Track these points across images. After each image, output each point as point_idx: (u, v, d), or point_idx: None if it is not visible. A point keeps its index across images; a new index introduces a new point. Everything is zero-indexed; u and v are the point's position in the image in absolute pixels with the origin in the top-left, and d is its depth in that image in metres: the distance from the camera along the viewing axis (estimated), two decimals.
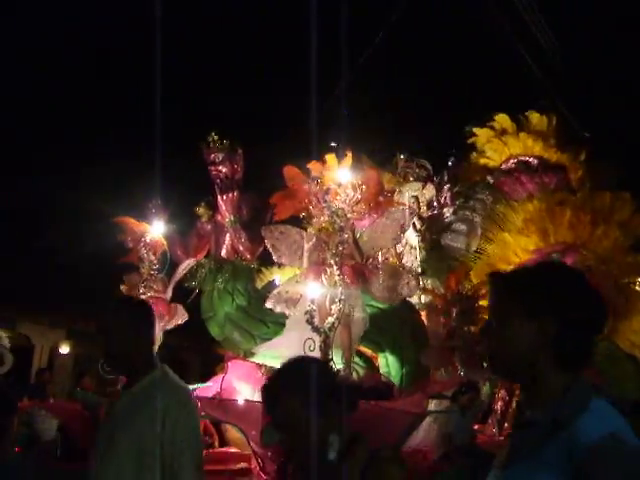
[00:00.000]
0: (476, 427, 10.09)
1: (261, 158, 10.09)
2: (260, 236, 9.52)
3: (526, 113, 12.97)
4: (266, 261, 10.90)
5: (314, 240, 8.11)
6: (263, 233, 8.64)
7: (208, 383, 8.70)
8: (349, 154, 7.98)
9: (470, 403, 8.40)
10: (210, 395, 8.34)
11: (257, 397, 7.81)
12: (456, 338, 9.88)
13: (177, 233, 10.51)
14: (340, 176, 7.96)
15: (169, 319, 9.76)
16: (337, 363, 7.50)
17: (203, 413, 7.71)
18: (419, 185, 12.89)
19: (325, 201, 7.83)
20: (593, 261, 11.00)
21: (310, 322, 7.21)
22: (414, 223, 12.85)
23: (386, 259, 13.90)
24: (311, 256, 8.04)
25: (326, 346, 7.22)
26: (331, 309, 7.52)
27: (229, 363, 8.60)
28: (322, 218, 8.04)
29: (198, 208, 10.73)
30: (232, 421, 7.76)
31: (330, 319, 7.42)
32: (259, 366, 8.69)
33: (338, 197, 7.98)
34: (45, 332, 21.15)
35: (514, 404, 11.21)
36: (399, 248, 13.16)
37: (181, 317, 9.93)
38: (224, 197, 9.98)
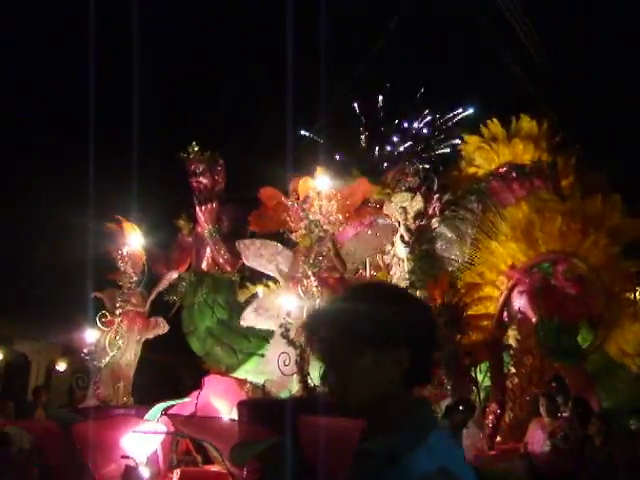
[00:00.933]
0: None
1: (243, 167, 9.86)
2: None
3: (516, 118, 12.70)
4: (252, 276, 10.66)
5: (292, 253, 7.87)
6: (238, 247, 8.42)
7: (185, 399, 8.41)
8: (320, 167, 7.77)
9: (464, 423, 8.08)
10: (187, 412, 8.08)
11: (234, 414, 7.55)
12: (443, 350, 9.61)
13: (158, 246, 10.28)
14: (319, 185, 7.72)
15: (147, 332, 9.50)
16: (315, 379, 7.22)
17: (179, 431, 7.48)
18: (408, 196, 12.64)
19: (303, 210, 7.59)
20: (584, 270, 10.76)
21: (285, 335, 6.95)
22: (402, 235, 12.65)
23: (373, 272, 13.75)
24: (290, 269, 7.79)
25: (302, 361, 6.94)
26: None
27: (206, 379, 8.33)
28: (300, 231, 7.80)
29: (179, 220, 10.51)
30: (208, 439, 7.49)
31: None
32: (241, 382, 8.43)
33: (313, 208, 7.74)
34: (42, 349, 20.94)
35: (507, 417, 11.02)
36: (387, 260, 12.94)
37: (162, 328, 9.66)
38: (203, 208, 9.77)
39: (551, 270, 11.46)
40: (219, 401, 8.24)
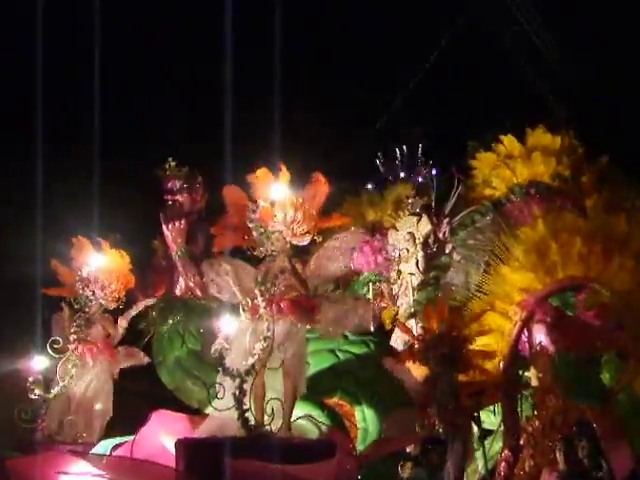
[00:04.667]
0: None
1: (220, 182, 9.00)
2: None
3: (534, 132, 11.59)
4: None
5: (251, 271, 6.90)
6: (203, 268, 7.48)
7: (136, 437, 7.44)
8: (284, 168, 6.80)
9: (440, 460, 6.96)
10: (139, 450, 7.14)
11: None
12: (436, 388, 8.45)
13: (132, 269, 9.48)
14: (274, 193, 6.80)
15: (114, 363, 8.66)
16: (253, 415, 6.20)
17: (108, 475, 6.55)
18: (414, 220, 11.64)
19: (252, 220, 6.65)
20: (608, 297, 9.47)
21: (219, 362, 5.99)
22: (417, 262, 11.62)
23: (381, 303, 12.67)
24: (243, 289, 6.82)
25: (241, 393, 5.93)
26: (254, 348, 6.27)
27: (153, 414, 7.40)
28: (262, 247, 6.83)
29: (154, 242, 9.75)
30: None
31: (250, 360, 6.16)
32: (195, 419, 7.45)
33: (275, 218, 6.80)
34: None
35: (527, 465, 9.74)
36: (394, 289, 11.87)
37: (137, 359, 8.81)
38: (170, 226, 8.95)
39: (573, 300, 10.26)
40: (170, 440, 7.26)
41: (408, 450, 8.68)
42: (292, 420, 7.70)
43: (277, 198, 6.78)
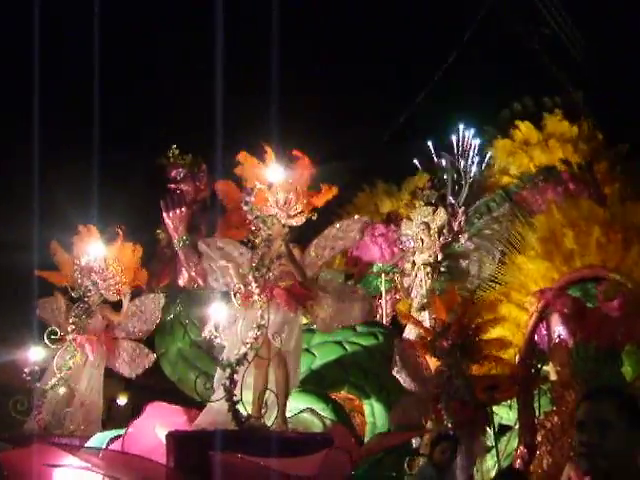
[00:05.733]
0: None
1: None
2: None
3: (551, 118, 11.17)
4: None
5: (249, 256, 6.63)
6: (200, 248, 7.20)
7: (129, 429, 7.21)
8: (269, 149, 6.49)
9: (443, 457, 6.62)
10: (134, 444, 6.91)
11: None
12: (449, 381, 8.11)
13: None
14: (271, 175, 6.52)
15: (111, 358, 8.40)
16: (247, 404, 5.92)
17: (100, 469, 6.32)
18: (429, 210, 11.30)
19: (247, 204, 6.37)
20: (627, 287, 9.05)
21: (208, 352, 5.73)
22: (431, 253, 11.29)
23: (396, 294, 12.35)
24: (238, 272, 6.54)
25: (232, 384, 5.66)
26: (247, 336, 6.00)
27: (148, 406, 7.16)
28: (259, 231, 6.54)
29: (159, 232, 9.51)
30: None
31: (243, 349, 5.89)
32: (191, 412, 7.19)
33: (269, 202, 6.52)
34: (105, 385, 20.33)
35: (544, 463, 9.35)
36: (406, 282, 11.54)
37: (146, 359, 8.52)
38: (171, 214, 8.70)
39: (595, 291, 9.84)
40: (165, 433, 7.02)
41: (415, 446, 8.39)
42: (295, 413, 7.47)
43: (274, 180, 6.50)
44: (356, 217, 7.17)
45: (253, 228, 6.42)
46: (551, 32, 13.05)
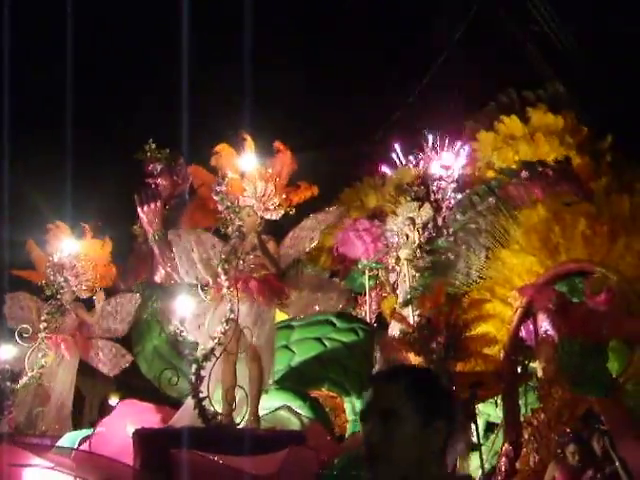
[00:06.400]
0: None
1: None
2: None
3: (536, 112, 11.02)
4: None
5: (223, 248, 6.44)
6: (170, 238, 7.00)
7: (99, 428, 7.01)
8: (248, 138, 6.32)
9: None
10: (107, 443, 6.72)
11: None
12: None
13: (116, 256, 9.09)
14: (243, 164, 6.33)
15: (86, 357, 8.25)
16: (218, 401, 5.74)
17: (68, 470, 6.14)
18: (415, 205, 11.17)
19: (217, 193, 6.18)
20: (614, 281, 8.89)
21: (174, 347, 5.56)
22: (415, 248, 11.16)
23: (381, 290, 12.20)
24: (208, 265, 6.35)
25: (198, 380, 5.47)
26: (214, 331, 5.82)
27: (120, 404, 6.99)
28: (234, 224, 6.36)
29: (135, 227, 9.33)
30: None
31: (210, 343, 5.70)
32: (164, 409, 7.02)
33: (246, 193, 6.34)
34: (96, 385, 20.35)
35: (531, 461, 9.20)
36: (392, 277, 11.41)
37: (122, 360, 8.34)
38: (145, 208, 8.52)
39: (582, 286, 9.70)
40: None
41: None
42: (271, 411, 7.30)
43: (246, 169, 6.33)
44: (332, 208, 7.00)
45: (224, 218, 6.25)
46: (540, 29, 12.94)
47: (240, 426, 5.75)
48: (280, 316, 7.76)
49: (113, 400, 21.01)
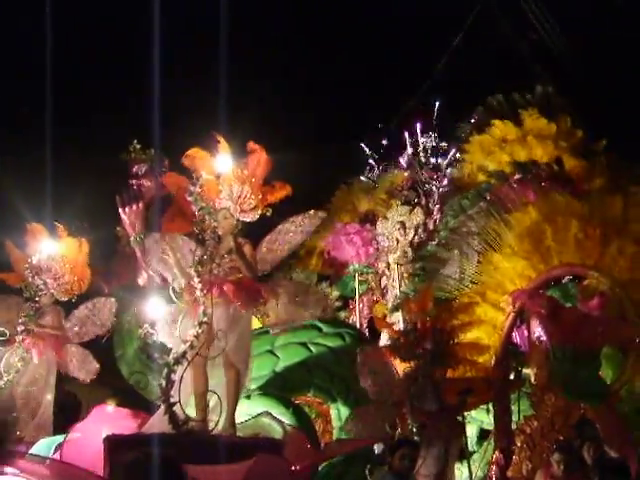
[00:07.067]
0: None
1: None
2: None
3: (529, 115, 10.87)
4: None
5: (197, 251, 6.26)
6: (146, 243, 6.85)
7: (75, 434, 6.82)
8: (222, 139, 6.16)
9: (402, 464, 6.23)
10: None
11: None
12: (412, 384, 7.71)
13: (100, 258, 8.92)
14: (218, 165, 6.17)
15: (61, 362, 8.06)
16: (192, 406, 5.56)
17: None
18: (406, 209, 11.13)
19: (191, 194, 6.01)
20: (606, 285, 8.69)
21: (143, 350, 5.38)
22: (405, 252, 11.05)
23: (372, 297, 12.05)
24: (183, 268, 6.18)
25: (168, 384, 5.28)
26: (186, 335, 5.63)
27: (94, 409, 6.80)
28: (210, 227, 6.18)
29: (118, 229, 9.18)
30: None
31: (182, 347, 5.52)
32: (139, 415, 6.84)
33: (221, 195, 6.17)
34: (92, 390, 20.27)
35: (524, 469, 9.00)
36: (384, 282, 11.28)
37: (88, 367, 8.15)
38: (127, 210, 8.36)
39: (575, 291, 9.54)
40: None
41: (378, 452, 8.02)
42: (252, 417, 7.11)
43: (222, 171, 6.16)
44: (312, 212, 6.82)
45: (198, 220, 6.07)
46: (537, 36, 12.87)
47: (214, 433, 5.57)
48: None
49: (110, 405, 20.77)
